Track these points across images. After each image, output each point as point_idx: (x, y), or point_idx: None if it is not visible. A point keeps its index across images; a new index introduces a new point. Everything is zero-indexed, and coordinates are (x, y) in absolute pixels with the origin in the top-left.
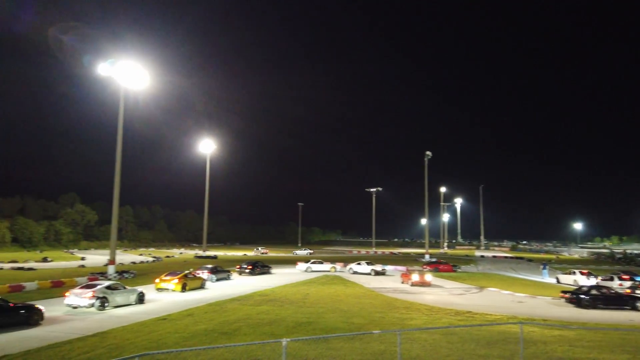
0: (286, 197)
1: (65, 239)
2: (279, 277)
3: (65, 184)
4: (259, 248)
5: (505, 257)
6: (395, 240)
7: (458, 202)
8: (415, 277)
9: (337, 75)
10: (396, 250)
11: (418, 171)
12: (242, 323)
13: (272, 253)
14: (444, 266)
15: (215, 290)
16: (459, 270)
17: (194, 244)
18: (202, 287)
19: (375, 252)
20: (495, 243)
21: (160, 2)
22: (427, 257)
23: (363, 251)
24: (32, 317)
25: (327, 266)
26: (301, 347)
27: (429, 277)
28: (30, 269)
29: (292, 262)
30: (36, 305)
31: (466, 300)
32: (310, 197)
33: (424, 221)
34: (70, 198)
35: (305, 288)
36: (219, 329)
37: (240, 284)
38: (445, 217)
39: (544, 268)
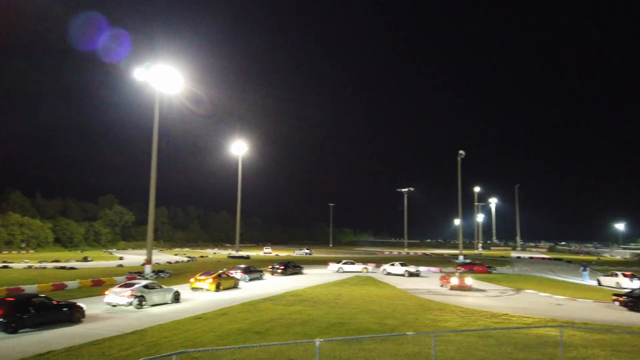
0: (317, 198)
1: (104, 239)
2: (311, 278)
3: (104, 186)
4: (265, 248)
5: (543, 258)
6: (428, 241)
7: (493, 202)
8: (454, 280)
9: (368, 76)
10: (429, 251)
11: (451, 171)
12: (275, 323)
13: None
14: (479, 267)
15: (248, 289)
16: (494, 271)
17: (227, 244)
18: (235, 286)
19: (408, 253)
20: (532, 244)
21: (194, 7)
22: (461, 258)
23: (395, 252)
24: (74, 315)
25: (358, 267)
26: (334, 348)
27: (469, 280)
28: (71, 268)
29: (323, 262)
30: (78, 303)
31: (502, 303)
32: (341, 198)
33: (457, 221)
34: (108, 200)
35: (337, 289)
36: (252, 328)
37: (273, 284)
38: (480, 218)
39: (584, 270)
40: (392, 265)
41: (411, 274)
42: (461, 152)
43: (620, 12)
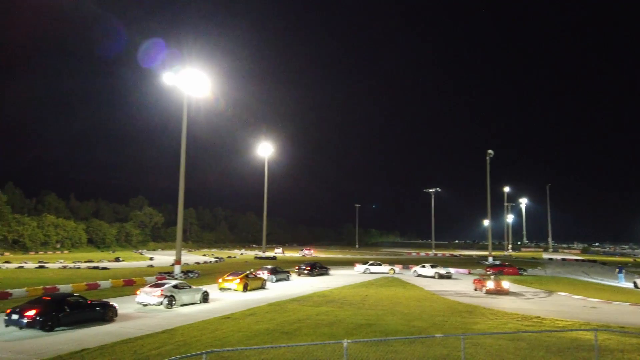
0: (343, 199)
1: (134, 240)
2: (337, 279)
3: (134, 187)
4: (276, 249)
5: (576, 260)
6: (456, 242)
7: (523, 202)
8: (490, 283)
9: (397, 76)
10: (457, 253)
11: (480, 171)
12: (302, 323)
13: (330, 254)
14: (509, 269)
15: (275, 290)
16: (525, 273)
17: (254, 245)
18: (262, 287)
19: (435, 254)
20: (565, 245)
21: (220, 11)
22: (490, 259)
23: (422, 253)
24: (107, 314)
25: (385, 268)
26: (361, 349)
27: (506, 283)
28: (104, 268)
29: (349, 263)
30: (111, 303)
31: (534, 305)
32: (367, 199)
33: (486, 222)
34: (139, 201)
35: (364, 290)
36: (280, 328)
37: (299, 285)
38: (510, 218)
39: (620, 272)
40: (423, 267)
41: (441, 276)
42: (490, 151)
43: None
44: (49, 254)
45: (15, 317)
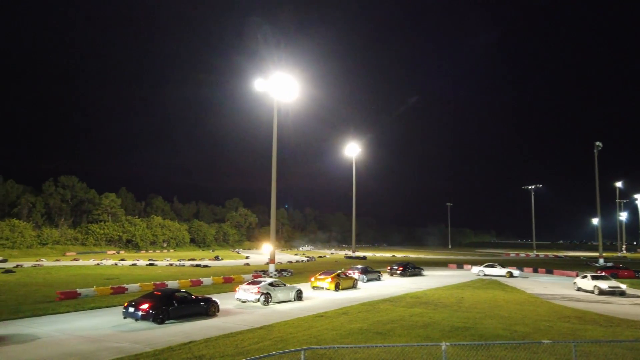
0: (434, 198)
1: (231, 240)
2: (430, 280)
3: (230, 190)
4: (305, 247)
5: None
6: (561, 242)
7: (639, 198)
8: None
9: (481, 68)
10: (562, 254)
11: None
12: (395, 324)
13: (421, 255)
14: (624, 272)
15: (367, 290)
16: None
17: (344, 245)
18: (354, 286)
19: (537, 255)
20: None
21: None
22: (601, 261)
23: (522, 254)
24: (210, 309)
25: (502, 271)
26: (459, 353)
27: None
28: (205, 266)
29: (442, 264)
30: (213, 298)
31: None
32: (460, 197)
33: (595, 221)
34: (234, 203)
35: (459, 291)
36: (373, 328)
37: (391, 285)
38: (623, 216)
39: None
40: (585, 277)
41: (607, 292)
42: (598, 143)
43: None
44: (157, 252)
45: (131, 310)
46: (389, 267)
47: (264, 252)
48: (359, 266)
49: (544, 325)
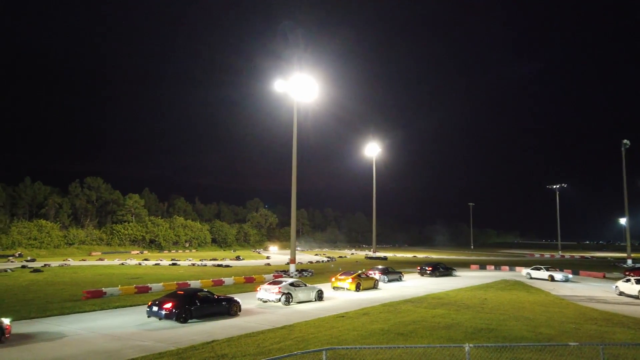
0: (456, 198)
1: (252, 240)
2: (453, 281)
3: (250, 190)
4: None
5: None
6: (587, 242)
7: None
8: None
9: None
10: (588, 254)
11: (613, 163)
12: (417, 325)
13: (443, 255)
14: None
15: (388, 290)
16: None
17: (364, 245)
18: (374, 287)
19: (562, 255)
20: None
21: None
22: (629, 262)
23: (546, 255)
24: (232, 308)
25: (544, 274)
26: (483, 355)
27: None
28: (227, 265)
29: (464, 265)
30: (235, 298)
31: None
32: (483, 197)
33: (623, 221)
34: (254, 203)
35: (482, 293)
36: (394, 329)
37: (412, 286)
38: None
39: None
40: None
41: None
42: (626, 141)
43: None
44: (180, 252)
45: (155, 309)
46: (419, 267)
47: (272, 251)
48: (380, 267)
49: (570, 327)
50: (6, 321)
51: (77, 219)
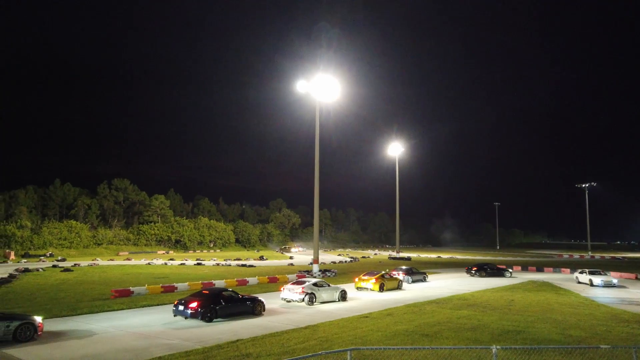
0: (481, 197)
1: (275, 240)
2: (477, 282)
3: (273, 191)
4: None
5: None
6: (617, 243)
7: None
8: None
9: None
10: (619, 255)
11: None
12: (442, 326)
13: (467, 256)
14: None
15: (412, 291)
16: None
17: (387, 245)
18: (398, 287)
19: (592, 256)
20: None
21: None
22: None
23: (576, 255)
24: (256, 308)
25: (611, 278)
26: (510, 357)
27: None
28: (250, 265)
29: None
30: (259, 298)
31: None
32: (509, 197)
33: None
34: (277, 203)
35: (509, 294)
36: (419, 330)
37: (437, 287)
38: None
39: None
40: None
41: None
42: None
43: None
44: (204, 252)
45: (181, 308)
46: (466, 268)
47: (295, 251)
48: (404, 267)
49: (601, 329)
50: (38, 319)
51: (105, 219)
